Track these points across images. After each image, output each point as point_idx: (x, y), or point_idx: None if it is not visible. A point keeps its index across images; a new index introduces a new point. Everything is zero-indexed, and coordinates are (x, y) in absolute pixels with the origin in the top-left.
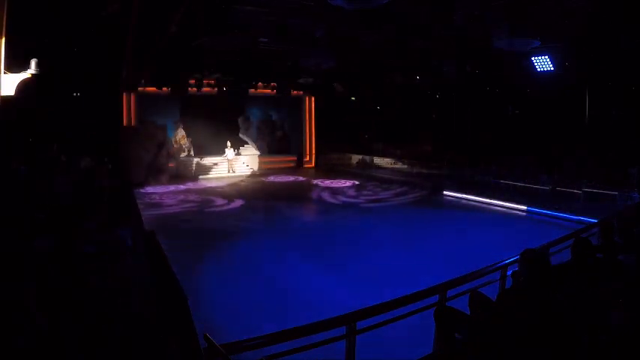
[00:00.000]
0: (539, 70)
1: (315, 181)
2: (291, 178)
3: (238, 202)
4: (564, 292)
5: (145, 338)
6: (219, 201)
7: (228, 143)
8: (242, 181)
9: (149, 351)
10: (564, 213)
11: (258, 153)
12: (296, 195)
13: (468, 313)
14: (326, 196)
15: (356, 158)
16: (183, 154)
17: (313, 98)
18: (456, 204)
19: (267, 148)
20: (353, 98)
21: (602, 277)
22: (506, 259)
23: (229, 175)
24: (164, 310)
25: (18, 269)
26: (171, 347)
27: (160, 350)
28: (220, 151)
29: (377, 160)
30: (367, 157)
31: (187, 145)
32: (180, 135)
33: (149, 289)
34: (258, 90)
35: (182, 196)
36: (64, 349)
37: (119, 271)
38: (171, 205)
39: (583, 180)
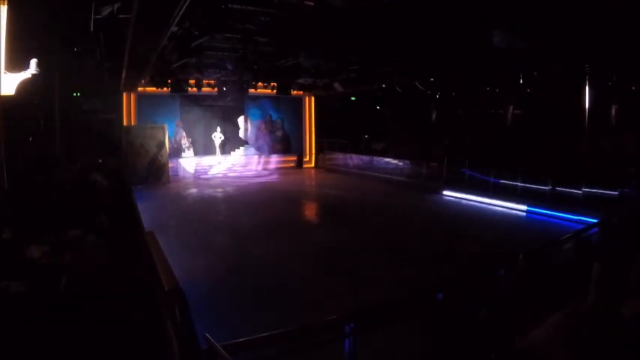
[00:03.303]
0: (538, 69)
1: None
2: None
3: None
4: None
5: (144, 339)
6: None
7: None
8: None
9: (149, 352)
10: (564, 213)
11: (257, 153)
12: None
13: (468, 312)
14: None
15: (356, 158)
16: (183, 154)
17: (313, 98)
18: (456, 204)
19: (267, 148)
20: (353, 98)
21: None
22: (506, 259)
23: (229, 174)
24: (164, 311)
25: (16, 270)
26: (172, 347)
27: (160, 351)
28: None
29: (377, 160)
30: (367, 157)
31: (187, 145)
32: (181, 135)
33: (149, 290)
34: (258, 90)
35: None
36: (64, 350)
37: (118, 271)
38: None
39: (583, 180)
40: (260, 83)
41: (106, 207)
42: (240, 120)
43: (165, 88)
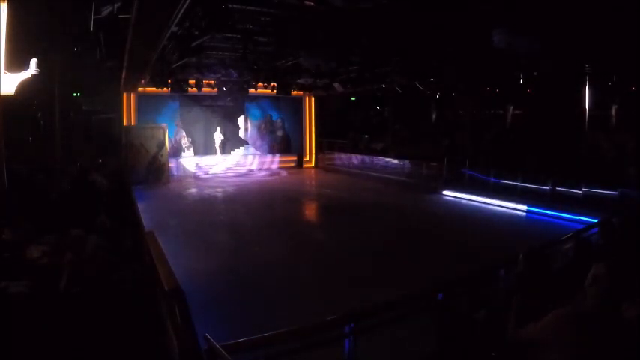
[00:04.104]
0: (538, 69)
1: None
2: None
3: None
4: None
5: (144, 339)
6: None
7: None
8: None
9: (149, 352)
10: (564, 213)
11: (257, 153)
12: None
13: (468, 313)
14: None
15: (356, 158)
16: (183, 154)
17: (313, 98)
18: (456, 204)
19: (268, 149)
20: (353, 98)
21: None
22: (506, 259)
23: (229, 174)
24: (164, 311)
25: (16, 270)
26: (171, 347)
27: (160, 351)
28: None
29: (377, 160)
30: (367, 157)
31: (187, 144)
32: (181, 135)
33: (148, 290)
34: (258, 90)
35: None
36: (64, 350)
37: (118, 272)
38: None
39: (583, 180)
40: (260, 83)
41: (106, 207)
42: (240, 120)
43: (165, 88)
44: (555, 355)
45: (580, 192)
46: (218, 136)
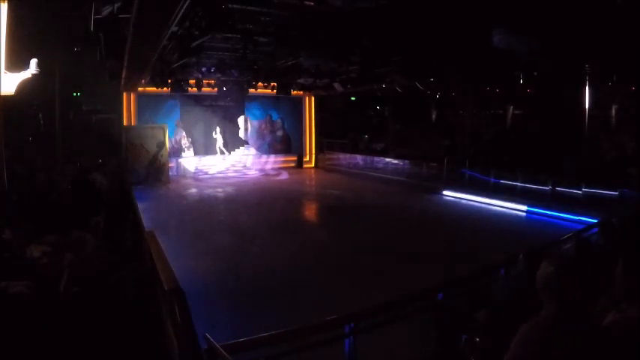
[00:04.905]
0: (538, 69)
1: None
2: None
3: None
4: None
5: (144, 339)
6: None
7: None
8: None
9: (149, 352)
10: (564, 213)
11: (257, 153)
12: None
13: (468, 313)
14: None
15: (356, 158)
16: (183, 154)
17: (313, 98)
18: (456, 204)
19: (268, 148)
20: (353, 98)
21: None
22: (506, 259)
23: (229, 174)
24: (164, 311)
25: (16, 270)
26: (171, 347)
27: (160, 351)
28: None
29: (377, 160)
30: (367, 157)
31: (187, 144)
32: (181, 135)
33: (148, 290)
34: (258, 90)
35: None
36: (63, 350)
37: (118, 272)
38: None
39: (583, 180)
40: (260, 83)
41: (106, 207)
42: (240, 120)
43: (165, 88)
44: None
45: (580, 192)
46: (218, 136)
